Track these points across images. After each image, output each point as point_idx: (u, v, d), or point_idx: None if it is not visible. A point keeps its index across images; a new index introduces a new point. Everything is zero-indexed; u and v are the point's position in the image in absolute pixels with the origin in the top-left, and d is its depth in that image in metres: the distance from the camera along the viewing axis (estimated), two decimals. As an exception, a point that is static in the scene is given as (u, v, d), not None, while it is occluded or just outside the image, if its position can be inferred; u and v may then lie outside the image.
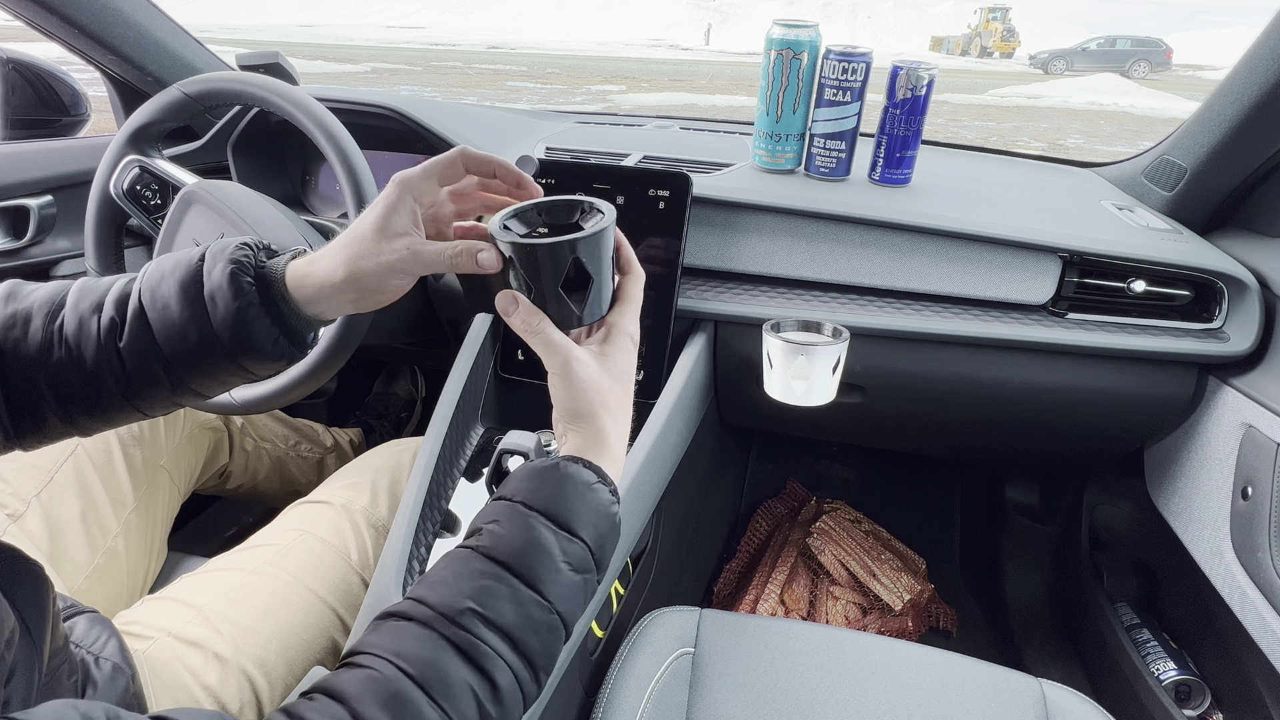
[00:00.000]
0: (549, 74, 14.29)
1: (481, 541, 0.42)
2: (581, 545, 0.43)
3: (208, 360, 0.47)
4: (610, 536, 0.45)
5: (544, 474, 0.44)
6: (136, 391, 0.48)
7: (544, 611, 0.41)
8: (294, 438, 1.14)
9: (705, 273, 0.88)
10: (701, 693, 0.66)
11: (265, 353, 0.48)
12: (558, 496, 0.43)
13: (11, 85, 1.05)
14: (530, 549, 0.41)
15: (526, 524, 0.42)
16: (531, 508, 0.43)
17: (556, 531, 0.42)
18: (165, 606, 0.63)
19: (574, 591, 0.42)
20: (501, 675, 0.39)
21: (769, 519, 1.39)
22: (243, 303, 0.46)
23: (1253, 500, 0.74)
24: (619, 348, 0.48)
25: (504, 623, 0.39)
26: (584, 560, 0.43)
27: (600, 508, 0.44)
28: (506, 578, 0.40)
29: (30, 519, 0.69)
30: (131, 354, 0.47)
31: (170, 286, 0.47)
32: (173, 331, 0.47)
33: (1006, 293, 0.83)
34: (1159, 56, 19.81)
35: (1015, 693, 0.67)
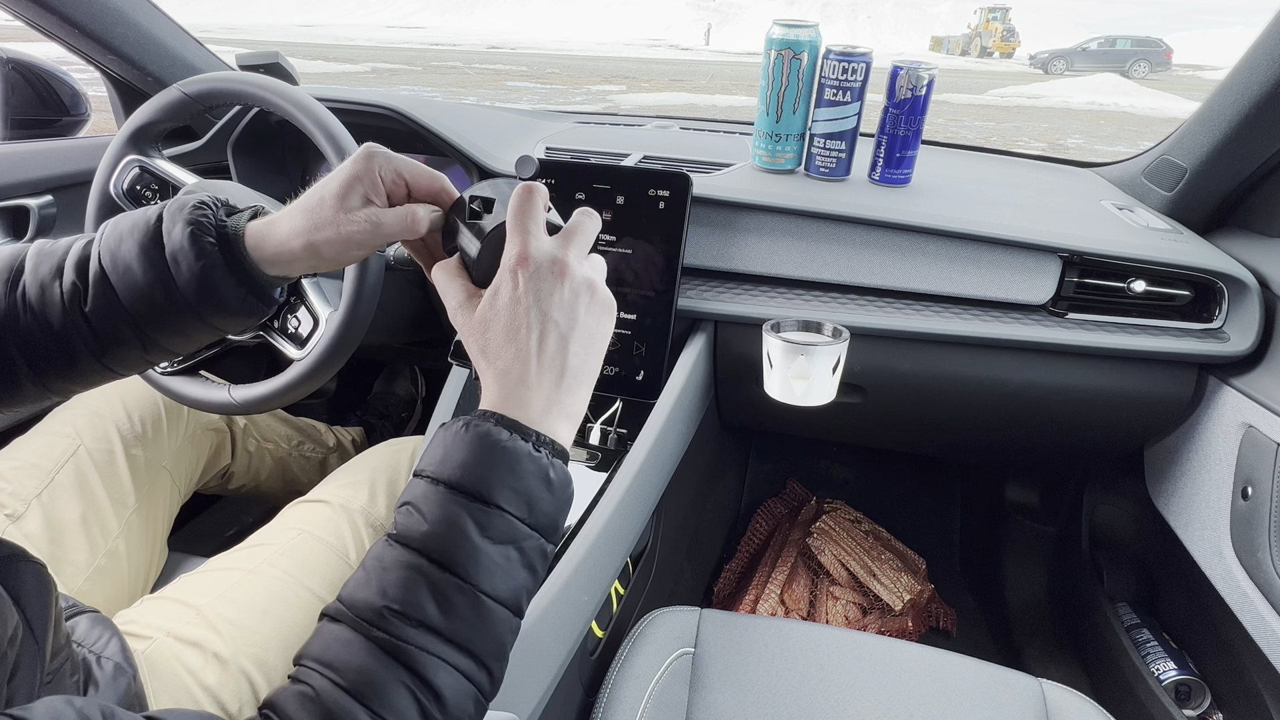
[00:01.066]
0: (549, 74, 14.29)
1: (394, 527, 0.39)
2: (503, 514, 0.38)
3: (176, 319, 0.47)
4: (542, 494, 0.40)
5: (451, 439, 0.40)
6: (108, 352, 0.48)
7: (468, 597, 0.37)
8: (297, 437, 1.14)
9: (705, 273, 0.88)
10: (701, 693, 0.66)
11: (233, 310, 0.48)
12: (467, 464, 0.38)
13: (11, 85, 1.05)
14: (440, 529, 0.37)
15: (435, 500, 0.38)
16: (438, 480, 0.39)
17: (469, 504, 0.38)
18: (164, 606, 0.63)
19: (505, 567, 0.38)
20: (438, 674, 0.36)
21: (769, 519, 1.39)
22: (207, 263, 0.46)
23: (1253, 500, 0.74)
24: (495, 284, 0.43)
25: (426, 618, 0.36)
26: (510, 530, 0.38)
27: (519, 466, 0.39)
28: (423, 565, 0.37)
29: (30, 520, 0.69)
30: (98, 318, 0.46)
31: (130, 249, 0.46)
32: (138, 294, 0.46)
33: (1006, 293, 0.83)
34: (1159, 56, 19.82)
35: (1015, 693, 0.67)
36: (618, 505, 0.67)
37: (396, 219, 0.47)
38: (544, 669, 0.56)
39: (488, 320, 0.42)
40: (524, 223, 0.43)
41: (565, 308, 0.42)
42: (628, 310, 0.84)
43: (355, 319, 0.77)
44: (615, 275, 0.84)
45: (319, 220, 0.46)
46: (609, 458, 0.78)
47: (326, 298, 0.76)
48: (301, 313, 0.76)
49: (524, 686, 0.54)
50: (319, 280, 0.78)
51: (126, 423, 0.80)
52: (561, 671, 0.59)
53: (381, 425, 1.43)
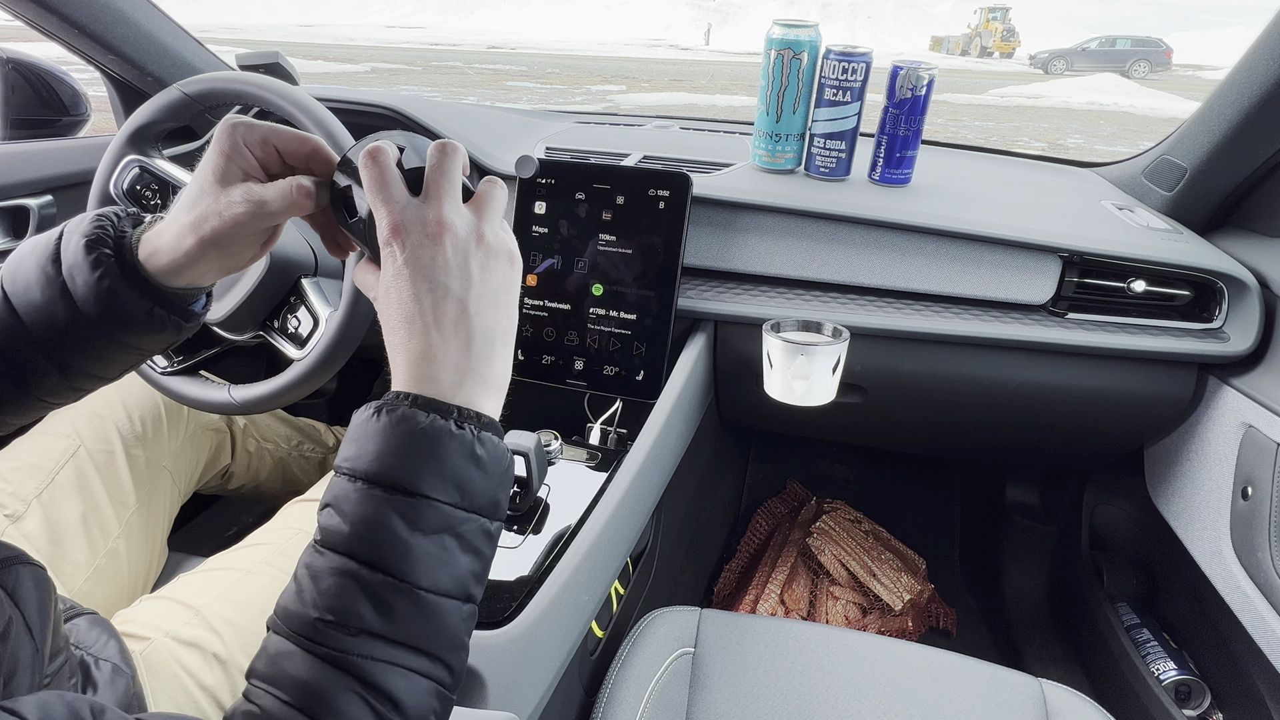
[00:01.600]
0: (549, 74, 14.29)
1: (319, 531, 0.37)
2: (429, 503, 0.35)
3: (83, 340, 0.44)
4: (474, 473, 0.37)
5: (363, 430, 0.37)
6: (28, 381, 0.45)
7: (405, 595, 0.35)
8: (297, 437, 1.14)
9: (705, 273, 0.88)
10: (701, 693, 0.66)
11: (140, 325, 0.44)
12: (383, 455, 0.36)
13: (11, 85, 1.05)
14: (363, 529, 0.35)
15: (356, 499, 0.35)
16: (355, 475, 0.36)
17: (391, 498, 0.35)
18: (162, 606, 0.63)
19: (442, 557, 0.36)
20: (391, 679, 0.34)
21: (769, 519, 1.39)
22: (103, 274, 0.42)
23: (1253, 500, 0.74)
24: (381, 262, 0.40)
25: (365, 624, 0.34)
26: (443, 517, 0.36)
27: (441, 450, 0.36)
28: (352, 569, 0.35)
29: (30, 520, 0.69)
30: (5, 345, 0.44)
31: (30, 268, 0.44)
32: (39, 315, 0.43)
33: (1006, 293, 0.83)
34: (1159, 56, 19.81)
35: (1015, 693, 0.67)
36: (618, 505, 0.67)
37: (278, 193, 0.43)
38: (544, 669, 0.56)
39: (381, 301, 0.40)
40: (381, 189, 0.39)
41: (454, 268, 0.39)
42: (628, 310, 0.84)
43: (355, 319, 0.77)
44: (615, 275, 0.84)
45: (204, 211, 0.43)
46: (609, 458, 0.78)
47: (326, 298, 0.76)
48: (301, 313, 0.76)
49: (524, 686, 0.54)
50: (319, 280, 0.78)
51: (126, 423, 0.80)
52: (561, 671, 0.59)
53: (381, 425, 1.43)
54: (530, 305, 0.86)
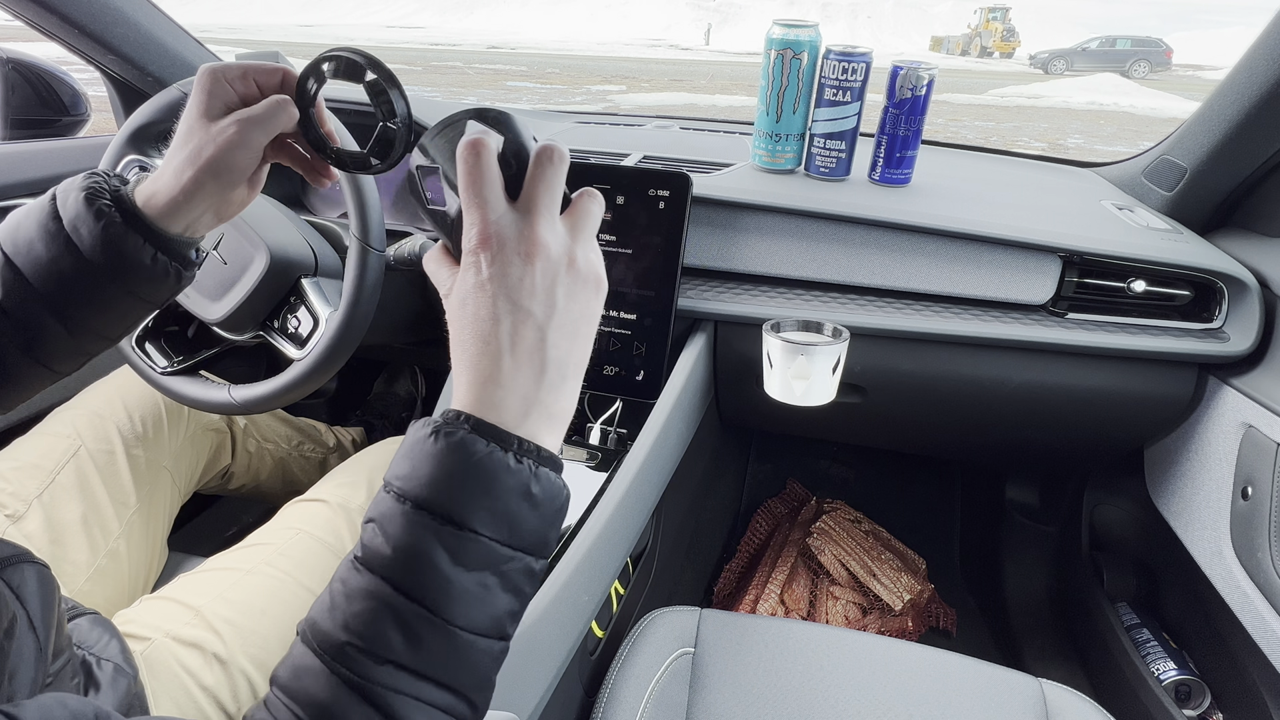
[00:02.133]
0: (549, 74, 14.29)
1: (359, 549, 0.35)
2: (478, 538, 0.34)
3: (91, 290, 0.46)
4: (524, 510, 0.35)
5: (419, 449, 0.35)
6: (35, 344, 0.46)
7: (439, 630, 0.33)
8: (297, 438, 1.14)
9: (705, 273, 0.88)
10: (701, 693, 0.66)
11: (146, 270, 0.46)
12: (436, 481, 0.34)
13: (11, 85, 1.05)
14: (408, 558, 0.33)
15: (404, 522, 0.34)
16: (405, 498, 0.34)
17: (439, 529, 0.33)
18: (162, 607, 0.63)
19: (482, 596, 0.34)
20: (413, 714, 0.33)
21: (769, 519, 1.39)
22: (106, 222, 0.45)
23: (1253, 500, 0.74)
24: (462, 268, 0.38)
25: (394, 655, 0.32)
26: (488, 556, 0.34)
27: (497, 483, 0.34)
28: (389, 595, 0.33)
29: (30, 520, 0.69)
30: (13, 306, 0.45)
31: (29, 228, 0.46)
32: (45, 271, 0.45)
33: (1006, 293, 0.83)
34: (1159, 56, 19.81)
35: (1015, 693, 0.67)
36: (618, 505, 0.67)
37: (264, 107, 0.45)
38: (544, 669, 0.56)
39: (453, 307, 0.37)
40: (477, 191, 0.36)
41: (540, 293, 0.36)
42: (628, 310, 0.84)
43: (355, 319, 0.77)
44: (615, 275, 0.84)
45: (197, 143, 0.45)
46: (609, 458, 0.78)
47: (326, 298, 0.76)
48: (301, 313, 0.76)
49: (524, 686, 0.54)
50: (319, 280, 0.78)
51: (127, 423, 0.80)
52: (561, 671, 0.59)
53: (381, 425, 1.43)
54: None
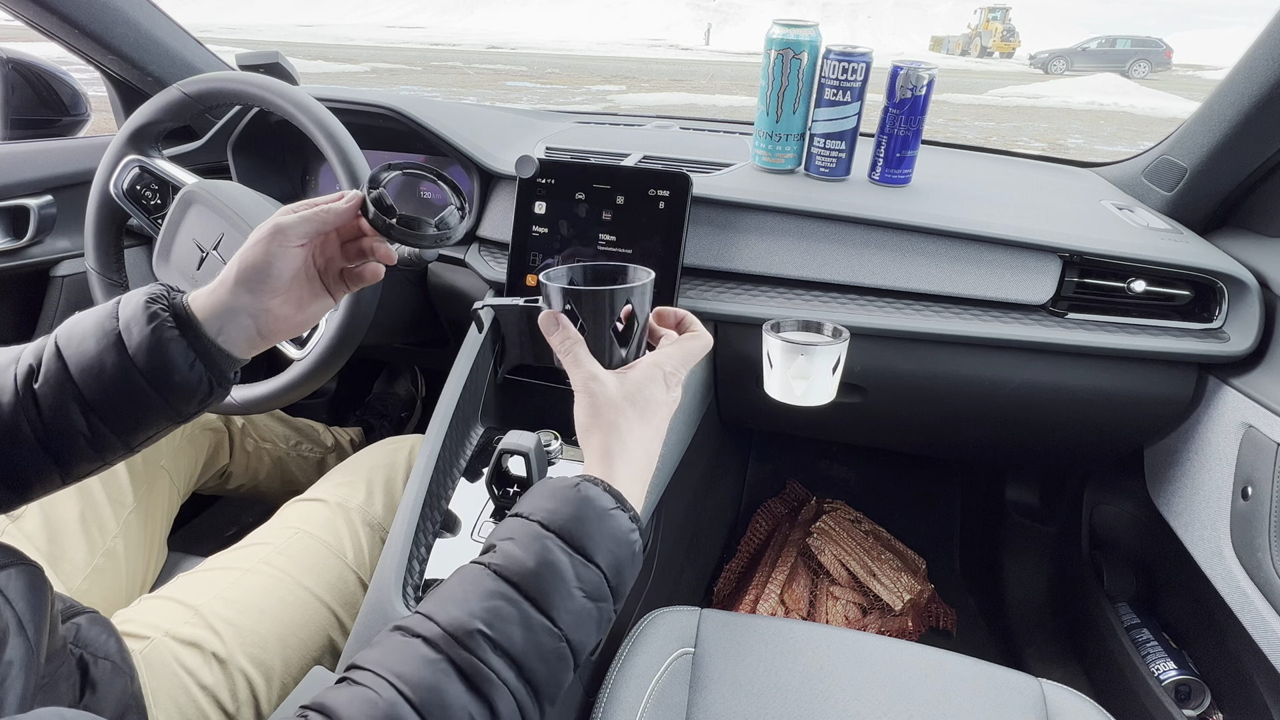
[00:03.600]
0: (549, 74, 14.29)
1: (494, 559, 0.41)
2: (597, 572, 0.42)
3: (126, 392, 0.48)
4: (629, 564, 0.44)
5: (562, 494, 0.43)
6: (55, 440, 0.47)
7: (553, 639, 0.40)
8: (295, 437, 1.14)
9: (705, 273, 0.88)
10: (701, 693, 0.66)
11: (182, 376, 0.48)
12: (575, 519, 0.42)
13: (11, 85, 1.05)
14: (544, 571, 0.40)
15: (542, 545, 0.41)
16: (548, 528, 0.42)
17: (572, 555, 0.41)
18: (162, 606, 0.63)
19: (586, 619, 0.41)
20: (504, 703, 0.38)
21: (769, 519, 1.39)
22: (157, 324, 0.48)
23: (1253, 500, 0.74)
24: (646, 375, 0.49)
25: (511, 648, 0.38)
26: (599, 588, 0.42)
27: (619, 534, 0.43)
28: (518, 600, 0.39)
29: (29, 519, 0.69)
30: (47, 394, 0.47)
31: (87, 324, 0.49)
32: (88, 365, 0.47)
33: (1006, 293, 0.83)
34: (1159, 56, 19.81)
35: (1015, 693, 0.67)
36: (617, 505, 0.67)
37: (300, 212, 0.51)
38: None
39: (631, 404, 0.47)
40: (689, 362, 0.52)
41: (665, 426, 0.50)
42: (627, 310, 0.84)
43: (355, 319, 0.77)
44: (615, 275, 0.84)
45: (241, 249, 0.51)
46: (609, 458, 0.78)
47: (326, 298, 0.76)
48: (301, 313, 0.76)
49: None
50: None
51: (126, 422, 0.80)
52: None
53: (381, 425, 1.43)
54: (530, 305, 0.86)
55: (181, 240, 0.79)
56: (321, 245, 0.54)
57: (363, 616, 0.61)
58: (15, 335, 1.05)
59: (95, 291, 0.85)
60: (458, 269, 0.95)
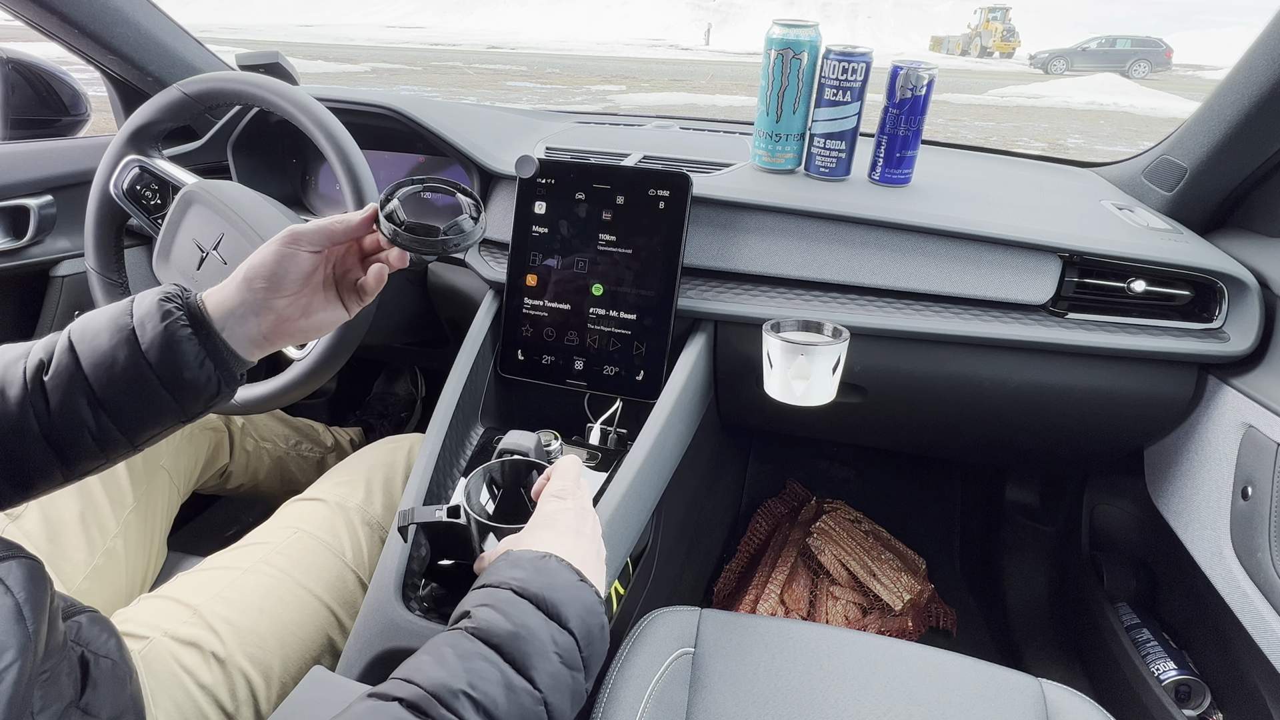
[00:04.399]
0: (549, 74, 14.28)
1: (470, 624, 0.42)
2: (570, 638, 0.43)
3: (135, 387, 0.48)
4: (598, 637, 0.45)
5: (531, 563, 0.45)
6: (61, 435, 0.47)
7: (534, 701, 0.40)
8: (295, 437, 1.14)
9: (705, 273, 0.88)
10: (701, 693, 0.66)
11: (191, 373, 0.49)
12: (548, 586, 0.44)
13: (11, 85, 1.05)
14: (522, 633, 0.41)
15: (519, 609, 0.42)
16: (522, 594, 0.43)
17: (547, 621, 0.42)
18: (161, 605, 0.63)
19: (563, 685, 0.42)
20: None
21: (769, 519, 1.39)
22: (170, 322, 0.48)
23: (1253, 500, 0.74)
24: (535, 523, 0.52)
25: (495, 709, 0.38)
26: (572, 654, 0.43)
27: (589, 604, 0.45)
28: (499, 662, 0.40)
29: (29, 518, 0.69)
30: (57, 387, 0.47)
31: (101, 320, 0.49)
32: (101, 360, 0.47)
33: (1006, 293, 0.83)
34: (1159, 56, 19.80)
35: (1015, 693, 0.67)
36: (618, 505, 0.67)
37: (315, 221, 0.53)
38: (543, 669, 0.56)
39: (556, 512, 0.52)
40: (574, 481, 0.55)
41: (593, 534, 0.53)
42: (628, 310, 0.84)
43: (355, 320, 0.76)
44: (615, 275, 0.84)
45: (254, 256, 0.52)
46: (609, 458, 0.78)
47: (326, 297, 0.76)
48: (301, 312, 0.76)
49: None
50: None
51: (126, 422, 0.80)
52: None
53: (381, 425, 1.43)
54: (530, 305, 0.86)
55: (181, 240, 0.79)
56: (341, 257, 0.55)
57: (362, 616, 0.61)
58: (15, 335, 1.05)
59: (95, 291, 0.85)
60: (458, 269, 0.95)
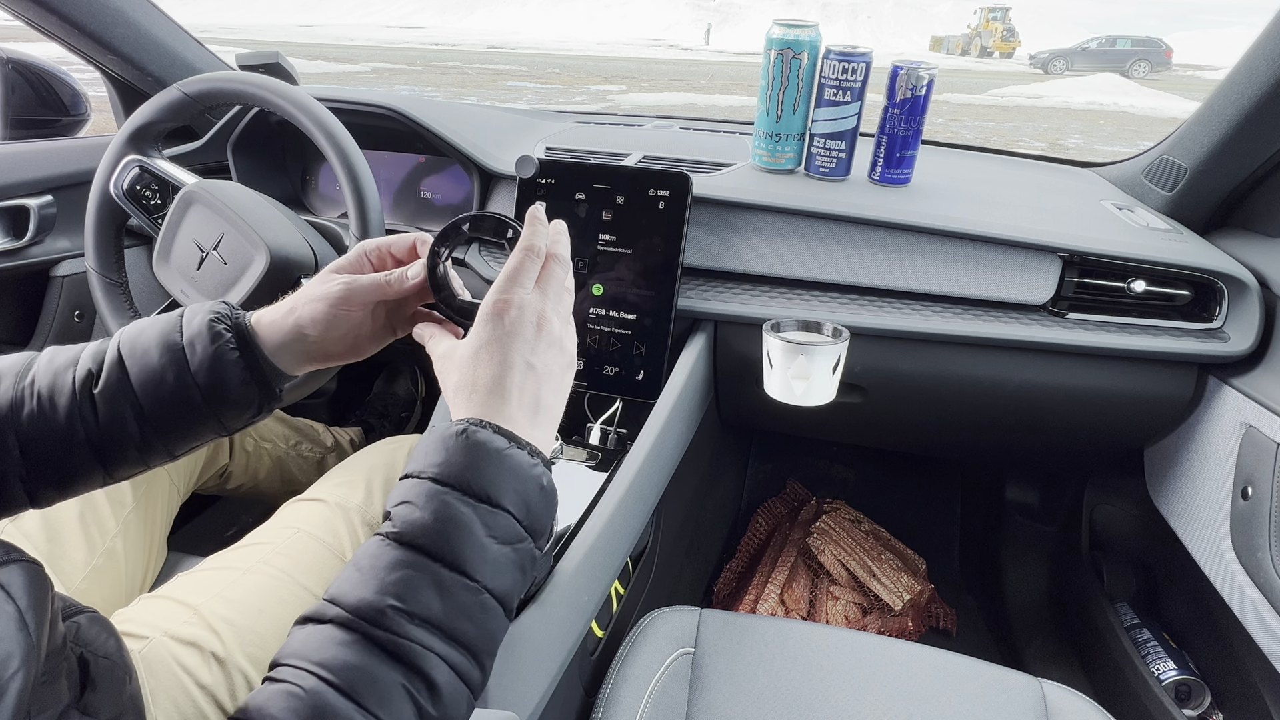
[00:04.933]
0: (549, 74, 14.28)
1: (393, 527, 0.40)
2: (506, 515, 0.40)
3: (180, 406, 0.49)
4: (539, 500, 0.42)
5: (452, 444, 0.41)
6: (106, 444, 0.48)
7: (472, 593, 0.38)
8: (295, 437, 1.14)
9: (705, 273, 0.88)
10: (701, 693, 0.66)
11: (234, 394, 0.49)
12: (471, 467, 0.40)
13: (11, 85, 1.05)
14: (448, 529, 0.39)
15: (441, 502, 0.39)
16: (443, 483, 0.40)
17: (476, 506, 0.40)
18: (161, 606, 0.63)
19: (505, 565, 0.40)
20: (437, 671, 0.37)
21: (769, 519, 1.39)
22: (220, 345, 0.49)
23: (1253, 500, 0.74)
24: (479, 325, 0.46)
25: (431, 615, 0.37)
26: (511, 530, 0.40)
27: (520, 471, 0.41)
28: (426, 564, 0.38)
29: (28, 519, 0.69)
30: (106, 399, 0.48)
31: (150, 337, 0.49)
32: (150, 376, 0.48)
33: (1006, 293, 0.83)
34: (1159, 56, 19.81)
35: (1015, 693, 0.67)
36: (618, 505, 0.67)
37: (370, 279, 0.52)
38: (544, 669, 0.56)
39: (465, 360, 0.45)
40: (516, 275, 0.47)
41: (542, 355, 0.46)
42: (628, 310, 0.84)
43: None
44: (615, 275, 0.84)
45: (307, 290, 0.52)
46: (609, 458, 0.78)
47: (326, 297, 0.76)
48: (301, 312, 0.76)
49: (524, 686, 0.54)
50: (319, 280, 0.78)
51: (125, 422, 0.80)
52: (561, 671, 0.59)
53: (381, 425, 1.43)
54: None
55: (181, 240, 0.79)
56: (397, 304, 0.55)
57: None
58: (15, 335, 1.05)
59: (95, 292, 0.85)
60: (458, 269, 0.95)
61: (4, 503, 0.48)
